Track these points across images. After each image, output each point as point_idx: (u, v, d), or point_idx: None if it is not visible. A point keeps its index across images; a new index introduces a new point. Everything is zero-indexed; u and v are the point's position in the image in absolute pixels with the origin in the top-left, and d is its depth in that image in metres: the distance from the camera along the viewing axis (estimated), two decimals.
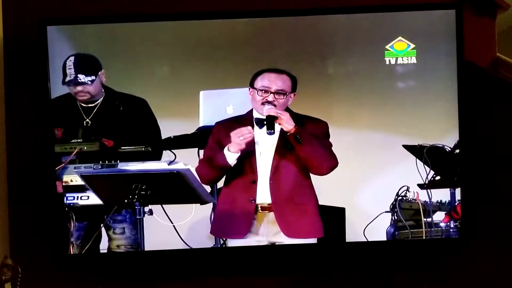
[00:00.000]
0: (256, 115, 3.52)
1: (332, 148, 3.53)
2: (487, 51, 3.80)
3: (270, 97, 3.47)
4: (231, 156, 3.44)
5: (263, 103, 3.47)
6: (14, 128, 3.79)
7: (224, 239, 3.62)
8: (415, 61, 3.66)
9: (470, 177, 3.72)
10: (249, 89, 3.53)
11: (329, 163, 3.48)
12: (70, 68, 3.61)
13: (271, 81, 3.49)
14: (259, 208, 3.50)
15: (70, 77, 3.61)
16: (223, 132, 3.53)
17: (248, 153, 3.48)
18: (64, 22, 3.67)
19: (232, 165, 3.45)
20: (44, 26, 3.63)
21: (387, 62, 3.66)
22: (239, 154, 3.44)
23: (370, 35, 3.69)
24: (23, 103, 3.77)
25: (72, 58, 3.62)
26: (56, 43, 3.64)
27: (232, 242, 3.59)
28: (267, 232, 3.51)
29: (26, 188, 3.78)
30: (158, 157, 3.65)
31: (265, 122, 3.43)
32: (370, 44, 3.68)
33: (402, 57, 3.66)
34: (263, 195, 3.49)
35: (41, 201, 3.75)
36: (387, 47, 3.66)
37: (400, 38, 3.66)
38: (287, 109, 3.52)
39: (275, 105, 3.46)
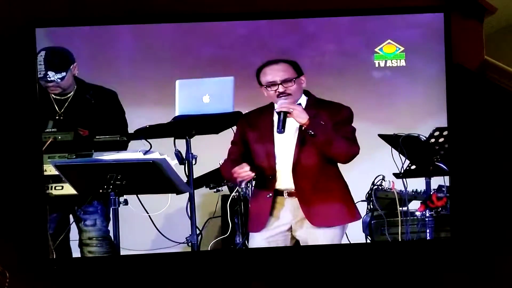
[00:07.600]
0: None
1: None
2: (475, 54, 3.82)
3: (281, 88, 3.47)
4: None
5: (278, 96, 3.47)
6: (2, 128, 3.71)
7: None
8: (404, 64, 3.68)
9: (459, 180, 3.71)
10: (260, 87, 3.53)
11: (347, 152, 3.47)
12: (41, 64, 3.57)
13: (273, 74, 3.49)
14: (285, 194, 3.50)
15: (40, 74, 3.57)
16: (246, 125, 3.57)
17: (267, 146, 3.50)
18: (53, 24, 3.63)
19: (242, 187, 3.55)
20: (32, 28, 3.58)
21: (376, 65, 3.68)
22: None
23: (359, 38, 3.69)
24: (11, 103, 3.71)
25: (43, 53, 3.58)
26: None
27: (254, 235, 3.59)
28: (293, 217, 3.52)
29: (13, 190, 3.70)
30: (124, 148, 3.61)
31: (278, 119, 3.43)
32: (359, 47, 3.69)
33: (391, 60, 3.68)
34: (287, 183, 3.50)
35: (27, 204, 3.69)
36: (376, 50, 3.68)
37: (389, 41, 3.68)
38: (307, 93, 3.54)
39: (290, 94, 3.47)
